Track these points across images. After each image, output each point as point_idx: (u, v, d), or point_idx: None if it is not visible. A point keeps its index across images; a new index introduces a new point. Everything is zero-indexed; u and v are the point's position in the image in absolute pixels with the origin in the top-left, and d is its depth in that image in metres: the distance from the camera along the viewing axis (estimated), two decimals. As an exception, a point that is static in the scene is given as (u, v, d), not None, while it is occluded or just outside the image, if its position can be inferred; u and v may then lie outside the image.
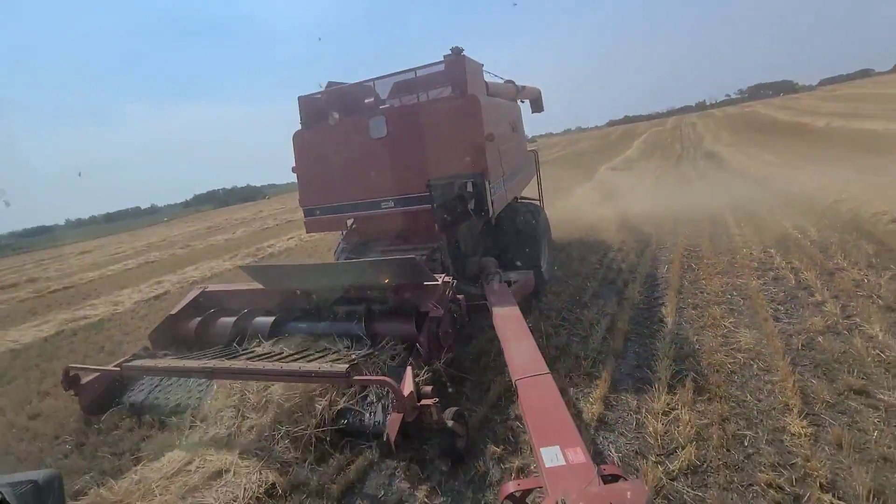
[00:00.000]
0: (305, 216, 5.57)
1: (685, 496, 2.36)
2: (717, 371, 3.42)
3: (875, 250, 5.31)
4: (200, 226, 27.88)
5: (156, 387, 4.01)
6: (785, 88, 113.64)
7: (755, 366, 3.44)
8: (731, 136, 26.33)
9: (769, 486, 2.33)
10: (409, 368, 3.01)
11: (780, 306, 4.38)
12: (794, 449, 2.56)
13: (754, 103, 69.35)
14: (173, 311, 4.62)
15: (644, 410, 3.09)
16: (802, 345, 3.61)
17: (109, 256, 19.45)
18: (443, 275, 3.85)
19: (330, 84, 5.60)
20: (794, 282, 4.87)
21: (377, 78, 5.47)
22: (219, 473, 2.93)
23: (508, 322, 3.50)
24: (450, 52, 4.84)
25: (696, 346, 3.83)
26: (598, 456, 2.72)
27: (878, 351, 3.34)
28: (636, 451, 2.75)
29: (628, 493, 1.56)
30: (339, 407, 3.20)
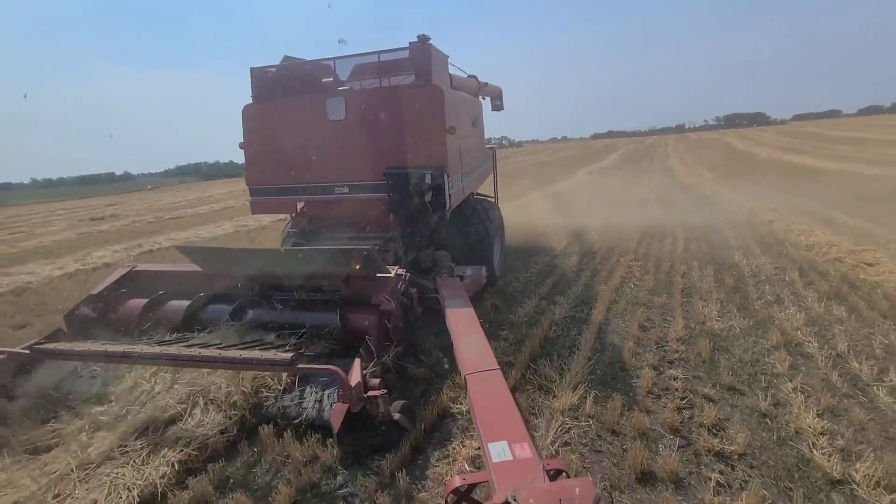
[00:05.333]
0: (252, 196, 5.30)
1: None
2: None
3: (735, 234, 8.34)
4: (208, 192, 29.72)
5: (70, 372, 3.59)
6: (758, 120, 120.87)
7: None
8: (691, 156, 30.01)
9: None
10: (357, 360, 2.92)
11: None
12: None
13: (727, 131, 74.51)
14: (95, 291, 4.11)
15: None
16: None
17: (170, 203, 21.87)
18: (396, 267, 3.82)
19: (286, 58, 5.31)
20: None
21: (337, 57, 5.16)
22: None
23: (460, 317, 3.50)
24: (416, 40, 4.68)
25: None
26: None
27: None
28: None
29: (577, 489, 1.57)
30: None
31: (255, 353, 2.97)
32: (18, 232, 16.87)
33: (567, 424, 3.00)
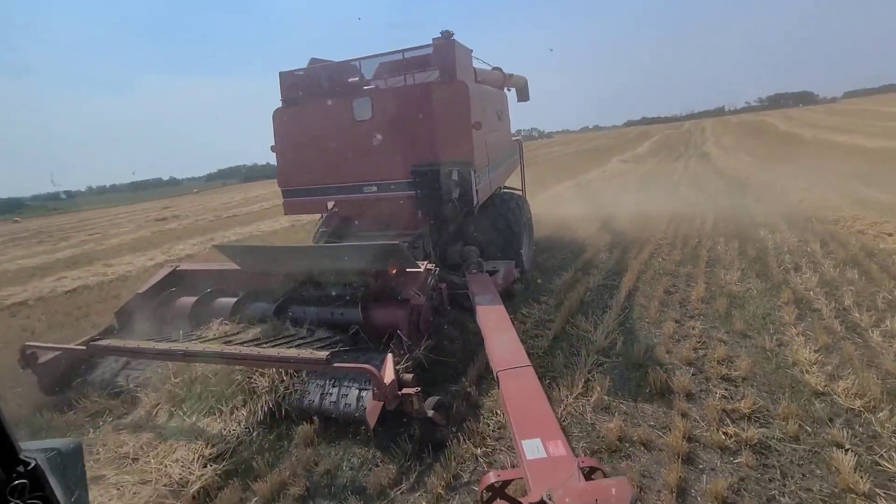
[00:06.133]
0: (284, 197, 5.47)
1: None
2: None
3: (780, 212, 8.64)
4: (253, 193, 31.70)
5: (122, 368, 3.86)
6: (805, 99, 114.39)
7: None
8: (730, 140, 29.31)
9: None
10: (389, 356, 2.95)
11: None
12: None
13: (771, 112, 71.12)
14: (142, 290, 4.44)
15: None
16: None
17: (221, 204, 24.38)
18: (425, 262, 3.86)
19: (313, 61, 5.44)
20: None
21: (363, 58, 5.28)
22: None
23: (490, 313, 3.51)
24: (439, 36, 4.73)
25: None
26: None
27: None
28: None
29: (613, 489, 1.56)
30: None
31: (292, 352, 3.07)
32: (95, 233, 18.82)
33: (600, 360, 3.72)
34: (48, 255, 13.36)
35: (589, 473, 1.81)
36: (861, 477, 2.30)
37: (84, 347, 3.63)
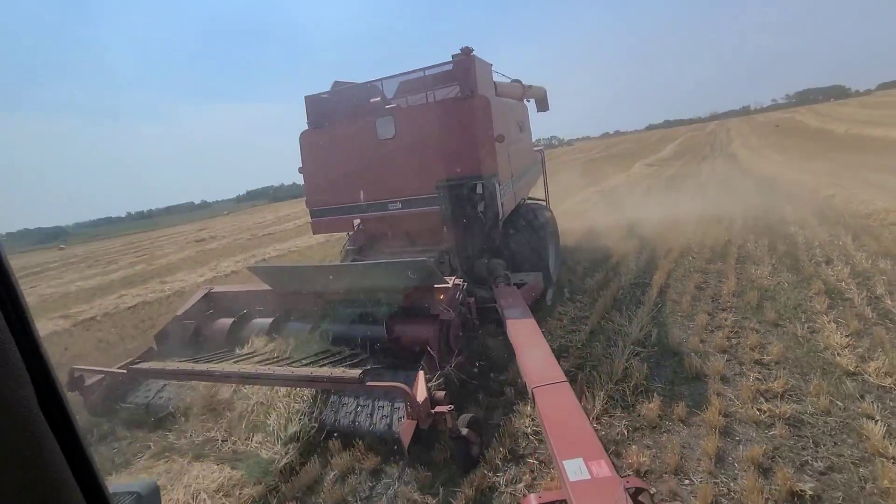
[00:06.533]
0: (312, 217, 5.60)
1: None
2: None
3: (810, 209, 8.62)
4: (284, 212, 32.98)
5: (160, 389, 3.98)
6: (836, 93, 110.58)
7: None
8: (757, 139, 28.77)
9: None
10: (420, 373, 2.96)
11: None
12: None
13: (800, 109, 69.11)
14: (179, 312, 4.60)
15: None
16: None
17: (255, 223, 25.83)
18: (453, 277, 3.88)
19: (336, 84, 5.58)
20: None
21: (384, 78, 5.42)
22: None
23: (521, 327, 3.47)
24: (459, 52, 4.81)
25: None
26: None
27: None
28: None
29: None
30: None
31: (325, 371, 3.12)
32: (143, 255, 20.02)
33: (637, 350, 3.96)
34: (102, 277, 14.36)
35: (635, 495, 1.75)
36: (890, 443, 2.49)
37: (124, 371, 3.83)
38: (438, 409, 2.75)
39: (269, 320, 4.21)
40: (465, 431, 2.77)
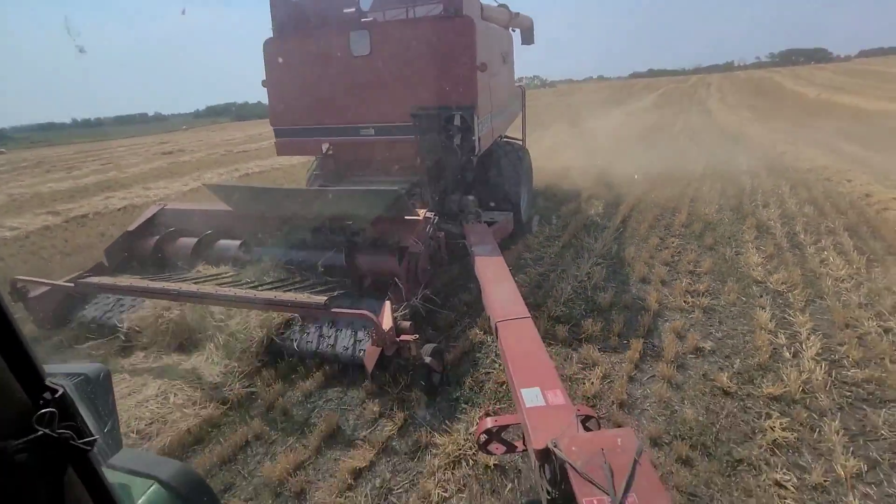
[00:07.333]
0: (276, 137, 5.25)
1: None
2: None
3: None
4: (256, 131, 31.69)
5: (112, 306, 3.83)
6: (817, 56, 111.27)
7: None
8: (733, 97, 29.51)
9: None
10: (387, 303, 2.98)
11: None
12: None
13: (780, 70, 69.72)
14: (130, 228, 4.38)
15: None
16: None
17: (223, 140, 24.60)
18: (424, 210, 3.80)
19: None
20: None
21: None
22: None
23: (489, 264, 3.49)
24: None
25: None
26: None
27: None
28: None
29: (619, 439, 1.55)
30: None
31: (290, 296, 3.09)
32: (106, 164, 19.24)
33: (599, 262, 4.81)
34: (73, 182, 14.04)
35: (584, 420, 1.90)
36: (771, 323, 3.45)
37: (72, 284, 3.64)
38: (404, 337, 2.81)
39: (237, 242, 4.06)
40: (428, 360, 2.84)
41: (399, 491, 2.34)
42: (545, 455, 1.60)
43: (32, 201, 10.90)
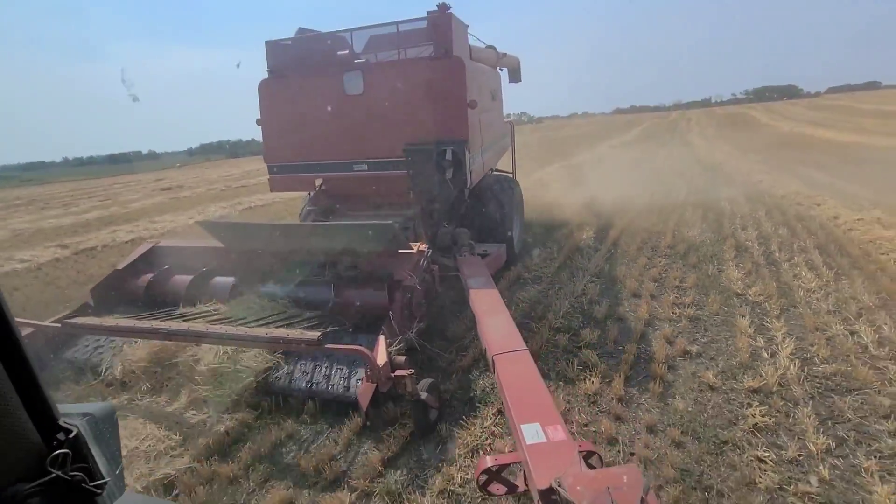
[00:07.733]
0: (270, 173, 5.34)
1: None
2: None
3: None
4: (251, 167, 32.40)
5: (98, 347, 3.67)
6: (789, 93, 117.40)
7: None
8: (712, 131, 31.05)
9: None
10: (381, 338, 2.95)
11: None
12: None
13: (755, 105, 73.32)
14: (120, 266, 4.28)
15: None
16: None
17: (220, 177, 25.04)
18: (418, 244, 3.82)
19: (301, 31, 5.28)
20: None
21: (353, 29, 5.05)
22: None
23: (483, 296, 3.48)
24: (435, 9, 4.55)
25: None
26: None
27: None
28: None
29: (624, 477, 1.48)
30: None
31: (282, 332, 3.00)
32: (106, 200, 19.54)
33: (593, 279, 5.20)
34: (75, 217, 14.28)
35: (587, 457, 1.82)
36: (750, 328, 3.82)
37: (58, 325, 3.50)
38: (399, 372, 2.75)
39: (231, 280, 3.99)
40: (424, 395, 2.80)
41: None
42: (549, 495, 1.54)
43: (37, 236, 11.13)
